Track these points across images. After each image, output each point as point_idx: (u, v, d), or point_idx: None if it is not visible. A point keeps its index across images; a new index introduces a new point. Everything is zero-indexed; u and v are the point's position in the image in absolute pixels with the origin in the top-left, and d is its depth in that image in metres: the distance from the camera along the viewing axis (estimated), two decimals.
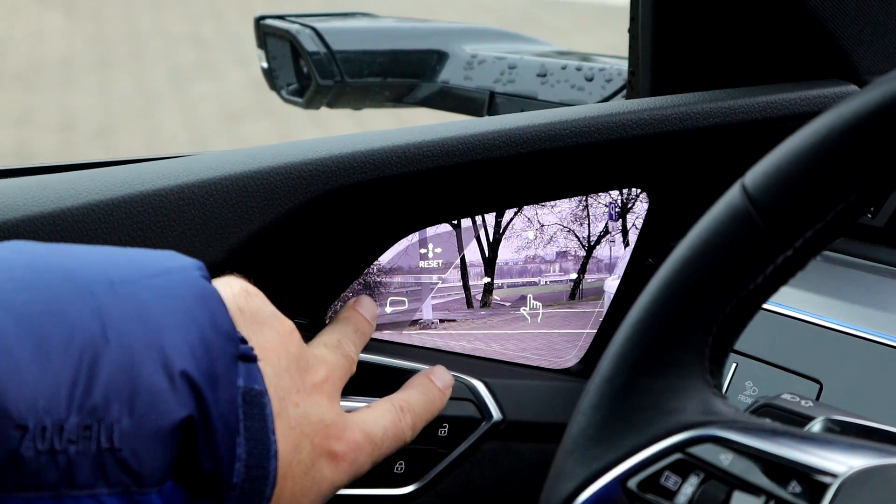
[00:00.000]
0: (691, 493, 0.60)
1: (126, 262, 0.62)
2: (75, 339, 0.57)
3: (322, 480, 0.69)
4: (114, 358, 0.57)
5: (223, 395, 0.60)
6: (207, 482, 0.60)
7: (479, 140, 0.94)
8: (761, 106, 1.02)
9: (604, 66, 1.70)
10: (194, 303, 0.61)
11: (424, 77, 1.86)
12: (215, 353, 0.61)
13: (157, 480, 0.58)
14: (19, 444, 0.54)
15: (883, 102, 0.59)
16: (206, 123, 6.65)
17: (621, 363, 0.63)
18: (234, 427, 0.61)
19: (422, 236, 0.99)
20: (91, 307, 0.58)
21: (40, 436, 0.55)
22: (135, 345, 0.58)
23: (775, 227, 0.61)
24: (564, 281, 1.05)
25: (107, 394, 0.57)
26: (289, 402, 0.67)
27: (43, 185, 0.85)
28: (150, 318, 0.59)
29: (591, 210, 1.04)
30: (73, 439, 0.55)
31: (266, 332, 0.68)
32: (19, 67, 7.88)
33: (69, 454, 0.55)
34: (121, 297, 0.59)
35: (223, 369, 0.61)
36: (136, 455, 0.57)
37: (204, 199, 0.87)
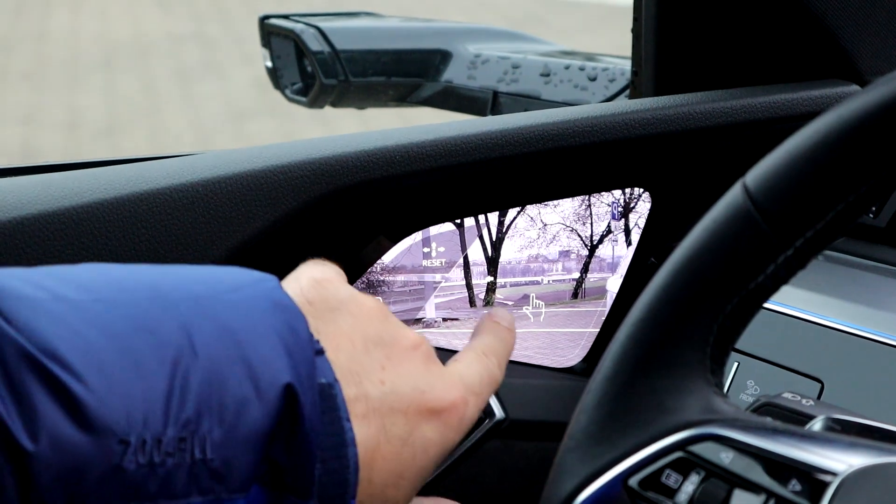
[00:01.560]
0: (692, 492, 0.60)
1: (205, 278, 0.64)
2: (167, 355, 0.58)
3: (428, 445, 0.69)
4: (203, 371, 0.59)
5: (307, 399, 0.61)
6: (291, 482, 0.62)
7: (482, 139, 0.94)
8: (763, 106, 1.02)
9: (607, 66, 1.70)
10: (272, 314, 0.63)
11: (428, 76, 1.86)
12: (296, 358, 0.62)
13: (244, 486, 0.60)
14: (122, 458, 0.55)
15: (884, 102, 0.59)
16: (210, 122, 6.66)
17: (623, 362, 0.63)
18: (318, 425, 0.62)
19: (425, 235, 0.99)
20: (178, 323, 0.59)
21: (141, 449, 0.56)
22: (221, 358, 0.60)
23: (776, 226, 0.61)
24: (567, 280, 1.05)
25: (198, 406, 0.58)
26: (370, 383, 0.67)
27: (48, 183, 0.85)
28: (233, 332, 0.61)
29: (594, 209, 1.04)
30: (170, 452, 0.57)
31: (339, 318, 0.68)
32: (25, 66, 7.89)
33: (167, 466, 0.57)
34: (205, 313, 0.61)
35: (305, 373, 0.62)
36: (226, 464, 0.59)
37: (208, 197, 0.87)
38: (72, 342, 0.56)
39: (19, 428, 0.54)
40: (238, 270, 0.66)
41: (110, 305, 0.59)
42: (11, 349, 0.55)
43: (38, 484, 0.54)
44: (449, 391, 0.70)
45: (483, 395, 0.74)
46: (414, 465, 0.68)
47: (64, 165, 1.00)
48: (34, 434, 0.54)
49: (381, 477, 0.67)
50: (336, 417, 0.63)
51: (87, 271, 0.62)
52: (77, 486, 0.55)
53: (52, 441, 0.54)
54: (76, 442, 0.55)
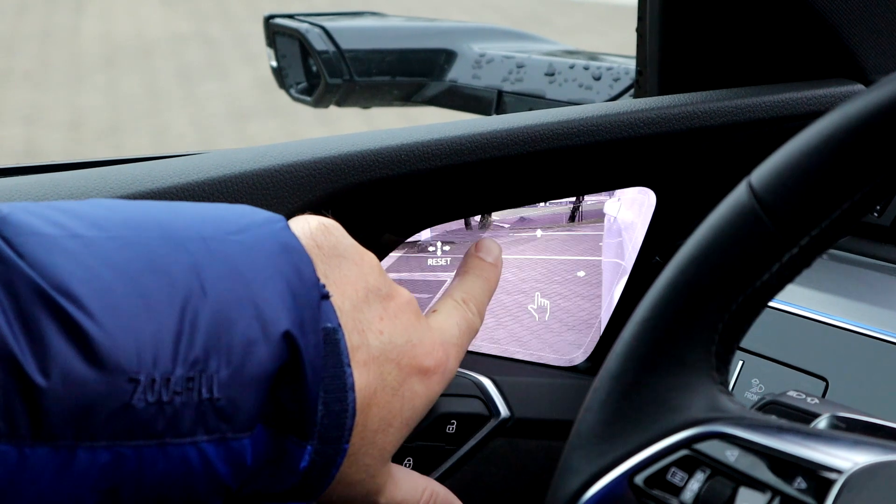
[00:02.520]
0: (697, 489, 0.60)
1: (214, 218, 0.64)
2: (176, 295, 0.59)
3: (414, 397, 0.71)
4: (211, 312, 0.60)
5: (311, 340, 0.63)
6: (294, 422, 0.63)
7: (487, 138, 0.95)
8: (768, 105, 1.02)
9: (611, 66, 1.70)
10: (279, 256, 0.64)
11: (433, 76, 1.87)
12: (302, 301, 0.63)
13: (249, 425, 0.61)
14: (131, 396, 0.56)
15: (888, 101, 0.59)
16: (214, 122, 6.66)
17: (628, 360, 0.64)
18: (320, 368, 0.63)
19: (430, 234, 0.99)
20: (188, 263, 0.60)
21: (150, 388, 0.57)
22: (230, 299, 0.61)
23: (781, 225, 0.61)
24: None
25: (206, 346, 0.59)
26: (370, 332, 0.69)
27: (55, 182, 0.85)
28: (241, 273, 0.62)
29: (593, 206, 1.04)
30: (178, 391, 0.58)
31: (344, 266, 0.70)
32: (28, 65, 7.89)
33: (174, 405, 0.58)
34: (213, 254, 0.62)
35: (309, 316, 0.63)
36: (232, 403, 0.60)
37: (213, 197, 0.87)
38: (85, 280, 0.57)
39: (31, 364, 0.54)
40: (247, 209, 0.67)
41: (123, 243, 0.60)
42: (25, 285, 0.56)
43: (48, 419, 0.55)
44: (433, 350, 0.72)
45: (462, 345, 0.76)
46: (402, 415, 0.70)
47: (70, 165, 1.00)
48: (46, 370, 0.55)
49: (374, 423, 0.69)
50: (338, 362, 0.65)
51: (100, 207, 0.62)
52: (86, 423, 0.56)
53: (64, 377, 0.55)
54: (87, 379, 0.55)
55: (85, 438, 0.56)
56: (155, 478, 0.59)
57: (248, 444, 0.61)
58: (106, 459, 0.57)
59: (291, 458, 0.64)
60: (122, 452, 0.57)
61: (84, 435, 0.56)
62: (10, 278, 0.56)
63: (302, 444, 0.64)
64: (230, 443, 0.60)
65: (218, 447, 0.60)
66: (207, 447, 0.60)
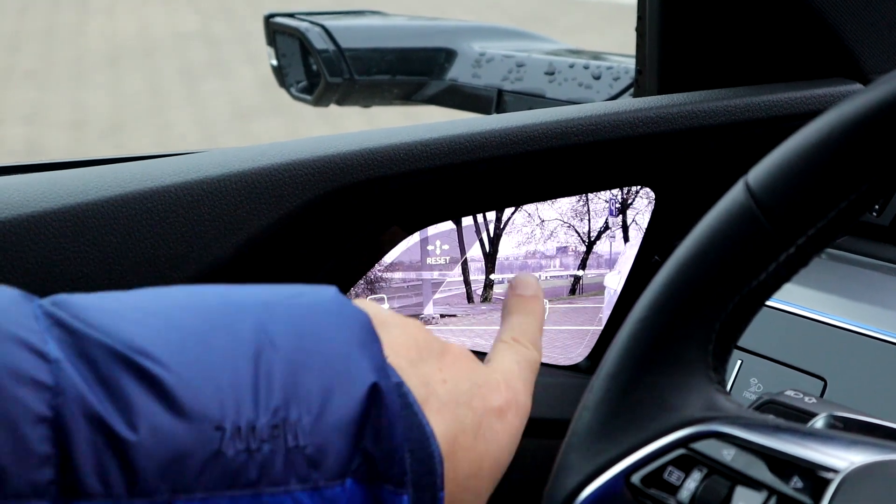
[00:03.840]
0: (694, 488, 0.60)
1: (269, 288, 0.66)
2: (248, 349, 0.60)
3: (496, 437, 0.71)
4: (284, 362, 0.60)
5: (390, 385, 0.63)
6: (385, 472, 0.63)
7: (486, 137, 0.95)
8: (766, 105, 1.02)
9: (611, 65, 1.70)
10: (339, 314, 0.65)
11: (433, 75, 1.87)
12: (371, 350, 0.64)
13: (340, 473, 0.61)
14: (220, 443, 0.57)
15: (886, 100, 0.59)
16: (215, 121, 6.66)
17: (625, 359, 0.64)
18: (401, 415, 0.64)
19: (423, 235, 1.00)
20: (253, 323, 0.61)
21: (237, 435, 0.57)
22: (300, 350, 0.61)
23: (778, 224, 0.61)
24: (565, 276, 1.05)
25: (285, 395, 0.60)
26: (434, 383, 0.69)
27: (53, 181, 0.86)
28: (307, 328, 0.63)
29: (591, 206, 1.04)
30: (265, 438, 0.58)
31: (392, 331, 0.70)
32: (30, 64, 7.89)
33: (263, 452, 0.58)
34: (276, 314, 0.63)
35: (381, 363, 0.64)
36: (319, 451, 0.60)
37: (213, 195, 0.87)
38: (155, 340, 0.58)
39: (118, 420, 0.55)
40: (298, 285, 0.68)
41: (185, 310, 0.61)
42: (99, 349, 0.56)
43: (142, 474, 0.55)
44: (498, 388, 0.72)
45: (527, 379, 0.76)
46: (489, 456, 0.70)
47: (70, 163, 1.00)
48: (133, 424, 0.55)
49: (464, 468, 0.69)
50: (412, 413, 0.65)
51: (153, 291, 0.64)
52: (180, 474, 0.56)
53: (152, 430, 0.55)
54: (174, 429, 0.56)
55: (180, 491, 0.56)
56: None
57: (342, 492, 0.62)
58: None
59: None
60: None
61: (179, 487, 0.56)
62: (82, 346, 0.56)
63: (399, 493, 0.64)
64: (324, 491, 0.61)
65: (312, 496, 0.60)
66: (302, 496, 0.60)
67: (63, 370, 0.55)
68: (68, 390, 0.54)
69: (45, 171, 0.91)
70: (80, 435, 0.54)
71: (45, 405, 0.54)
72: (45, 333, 0.56)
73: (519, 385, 0.74)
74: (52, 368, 0.55)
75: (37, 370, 0.54)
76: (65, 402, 0.54)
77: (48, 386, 0.54)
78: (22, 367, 0.54)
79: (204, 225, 0.87)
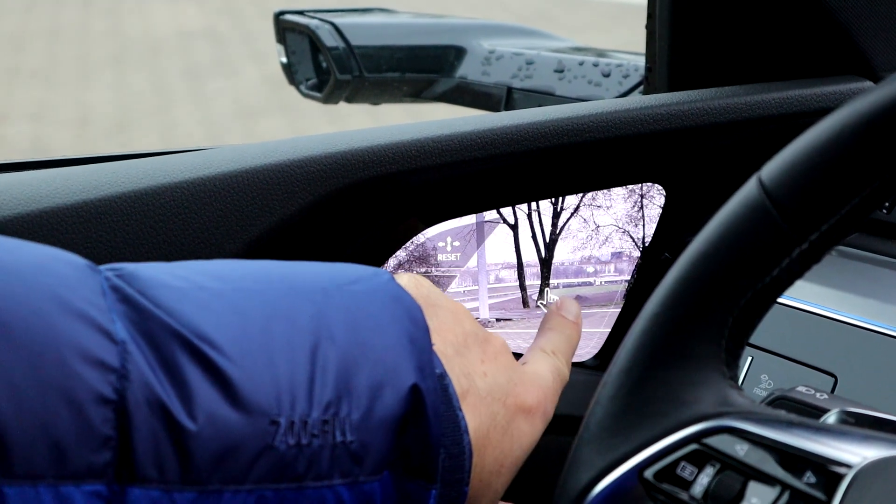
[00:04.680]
0: (707, 483, 0.60)
1: (327, 271, 0.66)
2: (306, 340, 0.60)
3: (522, 436, 0.72)
4: (339, 357, 0.61)
5: (430, 385, 0.64)
6: (419, 466, 0.64)
7: (496, 134, 0.95)
8: (777, 102, 1.02)
9: (621, 63, 1.70)
10: (393, 304, 0.65)
11: (442, 72, 1.87)
12: (420, 346, 0.64)
13: (379, 469, 0.62)
14: (274, 438, 0.58)
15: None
16: (221, 120, 6.66)
17: (638, 355, 0.64)
18: (440, 413, 0.64)
19: (439, 230, 1.00)
20: (312, 312, 0.62)
21: (290, 430, 0.58)
22: (354, 344, 0.62)
23: (791, 220, 0.61)
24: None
25: (338, 390, 0.60)
26: (475, 375, 0.70)
27: (66, 177, 0.86)
28: (362, 321, 0.63)
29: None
30: (315, 433, 0.59)
31: (441, 314, 0.71)
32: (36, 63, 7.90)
33: (313, 447, 0.59)
34: (334, 303, 0.63)
35: (426, 361, 0.64)
36: (364, 446, 0.61)
37: (224, 192, 0.88)
38: (219, 326, 0.58)
39: (179, 408, 0.55)
40: (352, 266, 0.68)
41: (248, 294, 0.61)
42: (163, 332, 0.57)
43: (196, 463, 0.56)
44: (532, 389, 0.73)
45: (556, 391, 0.77)
46: (512, 455, 0.71)
47: (82, 159, 1.00)
48: (193, 414, 0.56)
49: (490, 465, 0.69)
50: (450, 406, 0.66)
51: (221, 264, 0.64)
52: (232, 466, 0.57)
53: (210, 420, 0.56)
54: (232, 421, 0.57)
55: (231, 482, 0.57)
56: None
57: (378, 487, 0.62)
58: (250, 503, 0.58)
59: (418, 503, 0.65)
60: (265, 496, 0.58)
61: (230, 478, 0.57)
62: (148, 327, 0.57)
63: (428, 488, 0.64)
64: (362, 486, 0.61)
65: (351, 490, 0.61)
66: (342, 490, 0.61)
67: (129, 353, 0.55)
68: (133, 374, 0.55)
69: (58, 167, 0.91)
70: (141, 420, 0.55)
71: (110, 387, 0.54)
72: (111, 311, 0.57)
73: (549, 393, 0.75)
74: (119, 350, 0.55)
75: (103, 351, 0.54)
76: (129, 387, 0.55)
77: (114, 368, 0.54)
78: (89, 347, 0.54)
79: (216, 221, 0.87)
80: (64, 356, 0.53)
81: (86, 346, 0.54)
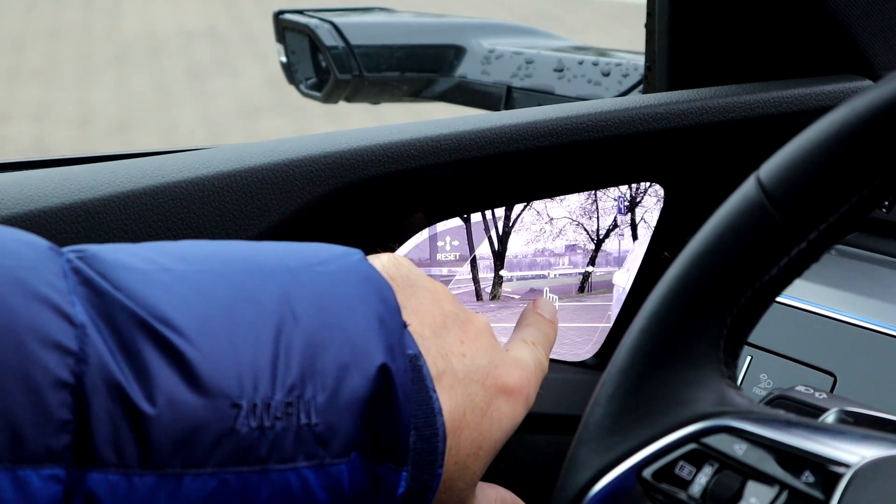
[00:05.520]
0: (705, 483, 0.60)
1: (295, 251, 0.66)
2: (270, 322, 0.60)
3: (502, 417, 0.71)
4: (304, 338, 0.61)
5: (400, 366, 0.63)
6: (388, 448, 0.63)
7: (496, 133, 0.95)
8: (776, 101, 1.02)
9: (620, 62, 1.70)
10: (363, 284, 0.65)
11: (442, 72, 1.87)
12: (389, 327, 0.64)
13: (346, 451, 0.62)
14: (235, 421, 0.57)
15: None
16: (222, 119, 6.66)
17: (637, 354, 0.64)
18: (410, 393, 0.64)
19: (437, 229, 1.00)
20: (278, 293, 0.61)
21: (252, 413, 0.58)
22: (321, 325, 0.62)
23: (790, 219, 0.61)
24: (573, 274, 1.06)
25: (302, 372, 0.60)
26: (453, 356, 0.69)
27: (66, 176, 0.86)
28: (329, 301, 0.63)
29: (600, 204, 1.04)
30: (278, 416, 0.59)
31: (419, 294, 0.70)
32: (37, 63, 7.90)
33: (276, 430, 0.59)
34: (301, 283, 0.63)
35: (397, 342, 0.64)
36: (329, 429, 0.61)
37: (223, 191, 0.88)
38: (181, 309, 0.58)
39: (137, 392, 0.55)
40: (323, 245, 0.68)
41: (213, 276, 0.61)
42: (124, 315, 0.56)
43: (156, 447, 0.56)
44: (514, 370, 0.73)
45: (537, 378, 0.76)
46: (491, 437, 0.70)
47: (81, 159, 1.00)
48: (152, 398, 0.55)
49: (466, 446, 0.69)
50: (423, 387, 0.65)
51: (187, 246, 0.64)
52: (192, 449, 0.57)
53: (170, 404, 0.56)
54: (191, 405, 0.56)
55: (191, 465, 0.57)
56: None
57: (346, 470, 0.62)
58: (212, 487, 0.58)
59: (389, 485, 0.64)
60: (227, 479, 0.58)
61: (190, 462, 0.57)
62: (108, 310, 0.56)
63: (398, 470, 0.64)
64: (328, 469, 0.61)
65: (317, 473, 0.61)
66: (308, 473, 0.60)
67: (88, 336, 0.55)
68: (92, 357, 0.55)
69: (57, 166, 0.91)
70: (99, 404, 0.54)
71: (68, 371, 0.54)
72: (71, 294, 0.56)
73: (532, 378, 0.75)
74: (78, 333, 0.55)
75: (62, 334, 0.54)
76: (87, 370, 0.54)
77: (72, 351, 0.54)
78: (48, 330, 0.54)
79: (215, 220, 0.87)
80: (22, 339, 0.53)
81: (44, 329, 0.54)
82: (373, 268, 0.67)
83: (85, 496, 0.55)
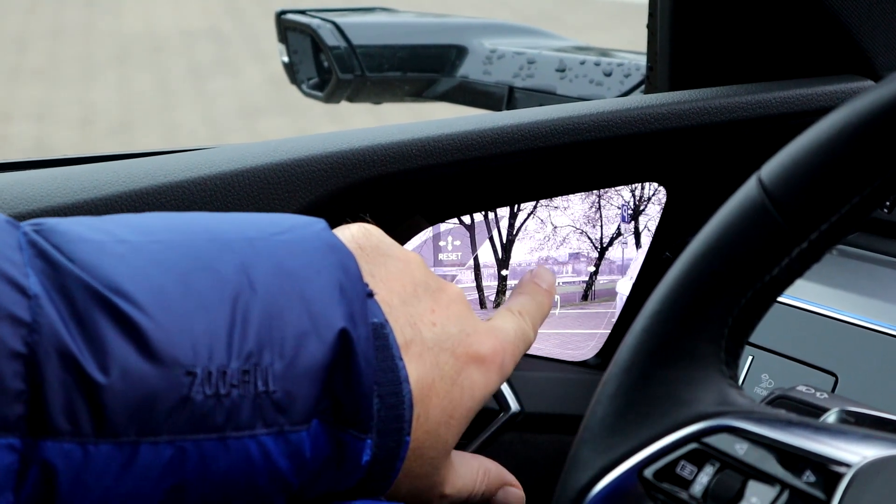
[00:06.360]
0: (707, 483, 0.60)
1: (256, 221, 0.66)
2: (226, 291, 0.60)
3: (473, 386, 0.71)
4: (262, 306, 0.61)
5: (361, 333, 0.64)
6: (351, 416, 0.64)
7: (498, 133, 0.95)
8: (778, 101, 1.02)
9: (622, 62, 1.70)
10: (324, 253, 0.65)
11: (444, 72, 1.87)
12: (350, 295, 0.64)
13: (306, 418, 0.62)
14: (190, 389, 0.58)
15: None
16: (223, 119, 6.66)
17: (638, 354, 0.64)
18: (372, 361, 0.64)
19: (440, 229, 1.00)
20: (235, 262, 0.62)
21: (207, 381, 0.58)
22: (279, 294, 0.62)
23: (791, 219, 0.61)
24: (577, 283, 1.06)
25: (259, 340, 0.60)
26: (422, 324, 0.70)
27: (67, 176, 0.86)
28: (288, 270, 0.63)
29: (604, 211, 1.04)
30: (234, 384, 0.59)
31: (389, 263, 0.71)
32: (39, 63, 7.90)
33: (232, 397, 0.59)
34: (260, 252, 0.63)
35: (358, 309, 0.64)
36: (288, 395, 0.61)
37: (225, 191, 0.88)
38: (135, 279, 0.58)
39: (90, 362, 0.56)
40: (287, 215, 0.68)
41: (169, 246, 0.61)
42: (78, 286, 0.57)
43: (110, 416, 0.56)
44: (488, 339, 0.73)
45: (517, 349, 0.76)
46: (462, 405, 0.71)
47: (83, 159, 1.00)
48: (105, 367, 0.56)
49: (435, 414, 0.69)
50: (389, 356, 0.66)
51: (148, 217, 0.64)
52: (147, 418, 0.57)
53: (123, 373, 0.56)
54: (145, 373, 0.57)
55: (147, 434, 0.57)
56: (218, 473, 0.60)
57: (307, 436, 0.62)
58: (169, 455, 0.58)
59: (353, 453, 0.65)
60: (184, 447, 0.58)
61: (146, 430, 0.57)
62: (62, 282, 0.57)
63: (362, 438, 0.64)
64: (288, 436, 0.61)
65: (277, 440, 0.61)
66: (267, 440, 0.61)
67: (41, 307, 0.55)
68: (44, 328, 0.55)
69: (59, 166, 0.91)
70: (52, 374, 0.55)
71: (21, 341, 0.54)
72: (26, 266, 0.57)
73: (508, 347, 0.75)
74: (31, 304, 0.55)
75: (15, 305, 0.55)
76: (40, 340, 0.55)
77: (25, 322, 0.55)
78: (1, 301, 0.54)
79: None
80: None
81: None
82: (334, 236, 0.67)
83: (41, 465, 0.55)
